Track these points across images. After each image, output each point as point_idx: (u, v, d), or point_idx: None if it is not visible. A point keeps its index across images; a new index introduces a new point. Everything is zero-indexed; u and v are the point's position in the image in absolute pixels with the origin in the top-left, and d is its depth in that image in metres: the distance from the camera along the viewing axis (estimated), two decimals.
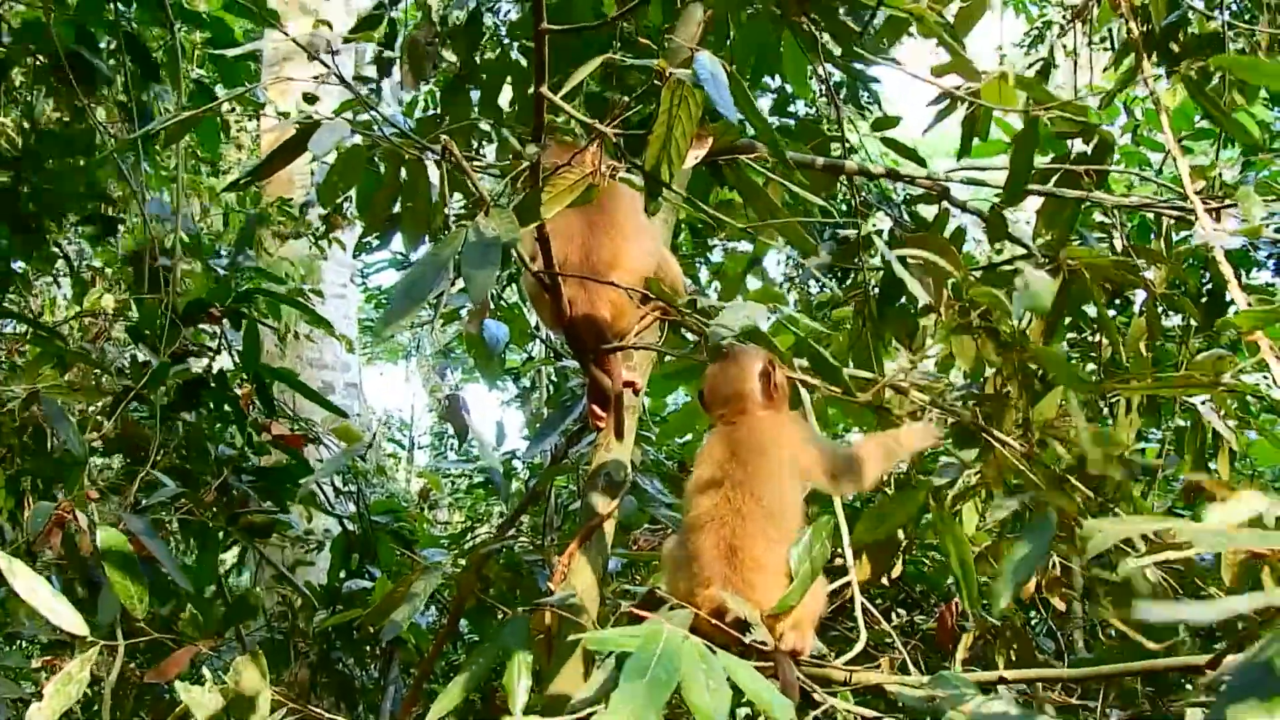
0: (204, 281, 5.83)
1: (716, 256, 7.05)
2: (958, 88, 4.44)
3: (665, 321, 3.66)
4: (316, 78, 4.05)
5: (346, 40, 6.35)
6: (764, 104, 6.14)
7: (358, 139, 3.87)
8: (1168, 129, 4.40)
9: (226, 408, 5.45)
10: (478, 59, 5.85)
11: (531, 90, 5.51)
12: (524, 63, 5.72)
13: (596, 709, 2.50)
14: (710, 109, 2.81)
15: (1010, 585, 3.15)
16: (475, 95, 5.64)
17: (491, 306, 5.05)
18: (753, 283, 5.91)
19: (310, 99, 5.80)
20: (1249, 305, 3.83)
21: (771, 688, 2.45)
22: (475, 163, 3.55)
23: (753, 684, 2.40)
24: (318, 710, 3.08)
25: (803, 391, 3.60)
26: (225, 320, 5.36)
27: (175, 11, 5.72)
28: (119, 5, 5.57)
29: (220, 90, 6.78)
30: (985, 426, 3.57)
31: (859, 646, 3.21)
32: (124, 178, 5.56)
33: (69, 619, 2.88)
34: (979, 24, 4.77)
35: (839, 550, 3.37)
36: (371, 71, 6.30)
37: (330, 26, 4.69)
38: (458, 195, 4.48)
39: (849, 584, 3.45)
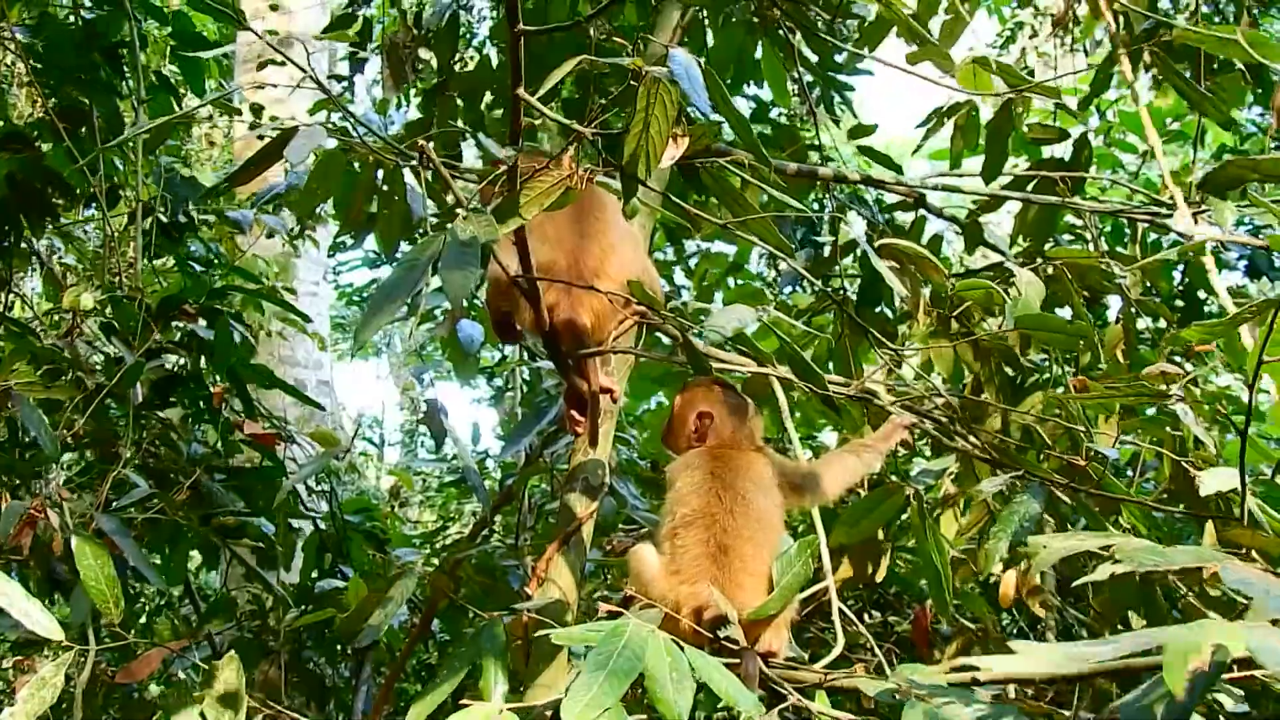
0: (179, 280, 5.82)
1: (692, 261, 7.04)
2: (949, 103, 4.47)
3: (643, 326, 3.65)
4: (298, 84, 4.03)
5: (318, 39, 6.31)
6: (742, 111, 6.17)
7: (334, 144, 3.86)
8: (1150, 127, 4.42)
9: (200, 405, 5.41)
10: (458, 62, 5.85)
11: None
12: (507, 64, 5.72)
13: None
14: (689, 113, 2.81)
15: (1006, 542, 3.20)
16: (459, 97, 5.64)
17: (466, 306, 5.04)
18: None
19: (257, 109, 5.79)
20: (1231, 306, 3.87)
21: (739, 684, 2.46)
22: (454, 168, 3.53)
23: (719, 679, 2.41)
24: (289, 712, 3.07)
25: (779, 393, 3.60)
26: (199, 318, 5.32)
27: (136, 5, 5.70)
28: None
29: (183, 87, 6.76)
30: (963, 432, 3.57)
31: (837, 650, 3.21)
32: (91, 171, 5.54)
33: (43, 623, 2.86)
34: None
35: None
36: (344, 69, 6.29)
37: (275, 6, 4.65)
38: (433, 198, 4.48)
39: (824, 587, 3.45)
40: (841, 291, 4.90)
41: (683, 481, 3.27)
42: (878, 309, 4.82)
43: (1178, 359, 4.39)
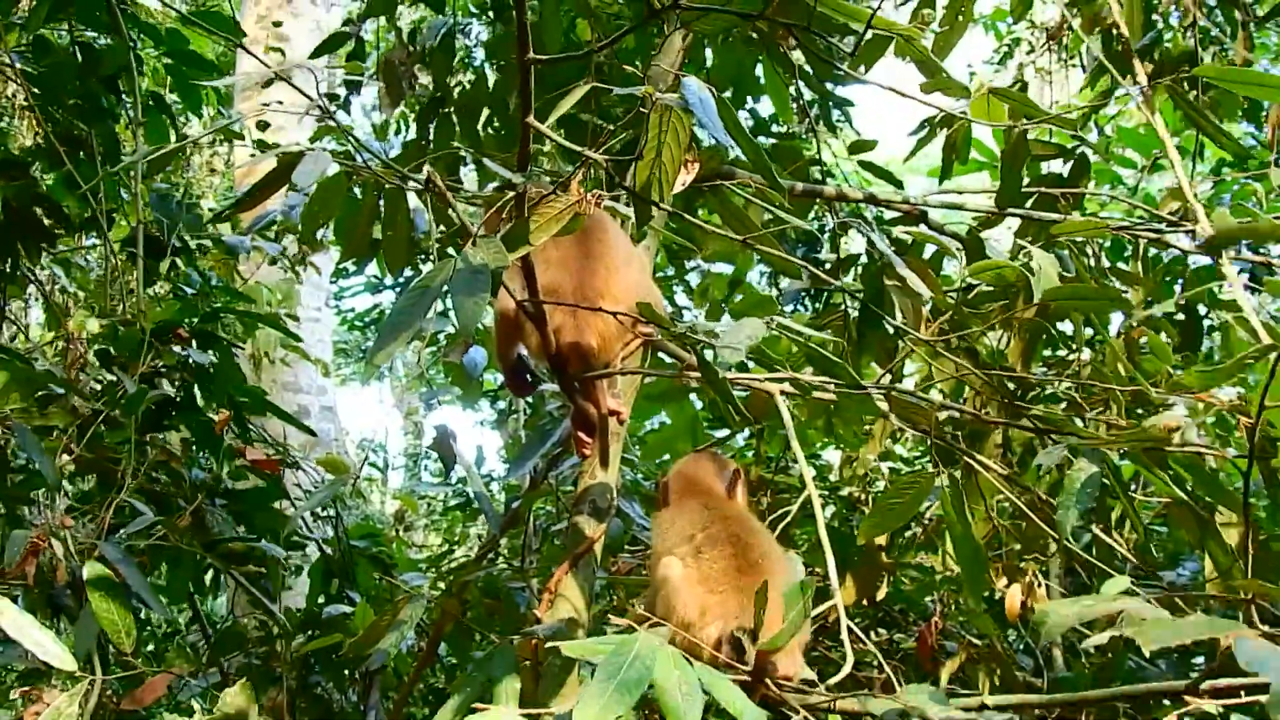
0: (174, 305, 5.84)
1: (694, 279, 7.05)
2: (940, 114, 4.47)
3: (648, 347, 3.66)
4: (289, 107, 4.04)
5: (313, 56, 6.32)
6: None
7: (336, 167, 3.87)
8: (1163, 131, 4.43)
9: (197, 431, 5.41)
10: (453, 81, 5.85)
11: (510, 112, 5.53)
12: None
13: None
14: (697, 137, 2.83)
15: (1076, 508, 3.19)
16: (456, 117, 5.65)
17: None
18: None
19: (263, 126, 5.81)
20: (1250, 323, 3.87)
21: (745, 698, 2.46)
22: (455, 190, 3.54)
23: (725, 693, 2.41)
24: None
25: (783, 411, 3.60)
26: (194, 341, 5.31)
27: (130, 24, 5.71)
28: (73, 22, 5.58)
29: (177, 107, 6.78)
30: (967, 450, 3.57)
31: (845, 670, 3.21)
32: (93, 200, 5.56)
33: (55, 653, 2.87)
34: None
35: (823, 572, 3.36)
36: (340, 91, 6.30)
37: (283, 53, 4.68)
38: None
39: (833, 606, 3.45)
40: (843, 308, 4.91)
41: (685, 518, 3.30)
42: (879, 325, 4.81)
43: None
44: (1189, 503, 3.55)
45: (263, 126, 5.48)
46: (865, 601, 4.63)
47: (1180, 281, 5.32)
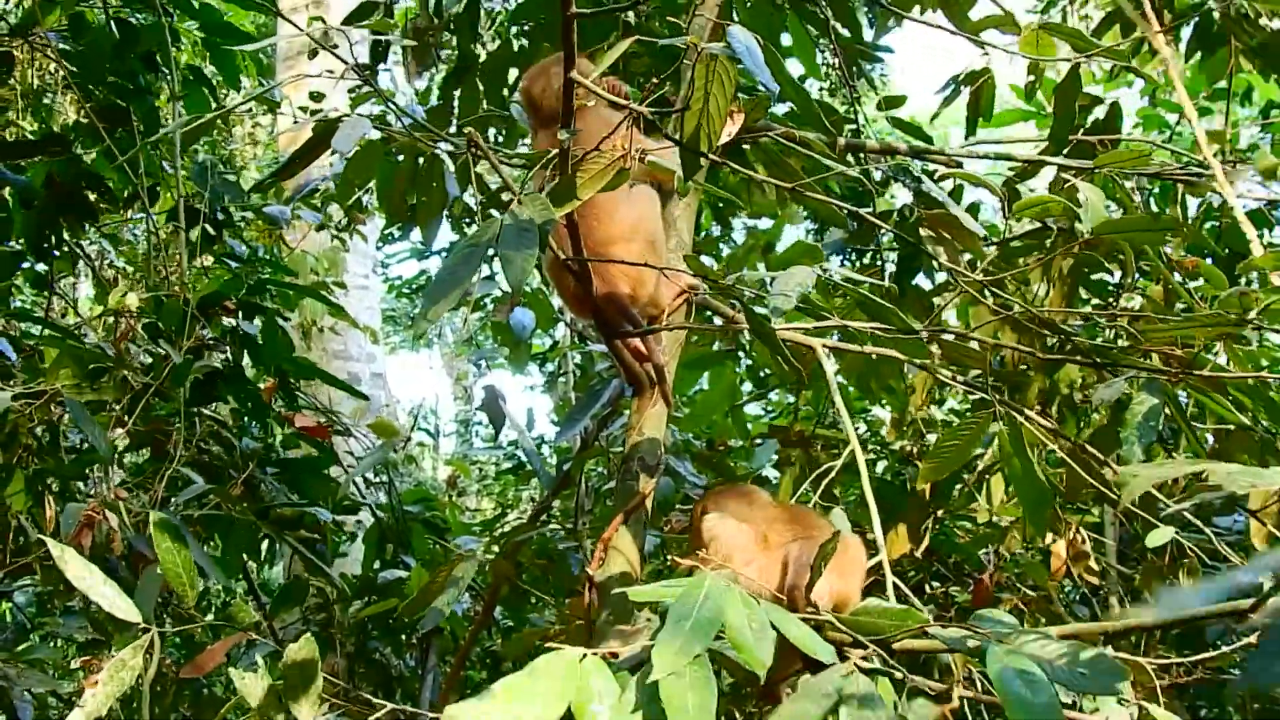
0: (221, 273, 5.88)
1: (739, 237, 7.01)
2: (965, 71, 4.42)
3: (692, 305, 3.62)
4: (333, 73, 4.05)
5: (343, 24, 6.30)
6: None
7: (373, 133, 3.88)
8: (1176, 76, 4.39)
9: (247, 401, 5.44)
10: (481, 47, 5.83)
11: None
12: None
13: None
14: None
15: (1138, 446, 3.16)
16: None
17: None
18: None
19: (317, 96, 5.84)
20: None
21: (816, 635, 2.45)
22: (497, 152, 3.53)
23: (797, 631, 2.40)
24: (366, 695, 3.10)
25: (825, 365, 3.58)
26: (240, 313, 5.34)
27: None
28: None
29: (216, 80, 6.80)
30: (1009, 402, 3.55)
31: None
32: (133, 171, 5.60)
33: (120, 605, 2.89)
34: None
35: (869, 527, 3.34)
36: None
37: (324, 20, 4.67)
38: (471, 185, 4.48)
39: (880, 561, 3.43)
40: (880, 264, 4.89)
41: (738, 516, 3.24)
42: (916, 279, 4.79)
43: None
44: (1249, 426, 3.50)
45: (317, 97, 5.48)
46: (918, 555, 4.62)
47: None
